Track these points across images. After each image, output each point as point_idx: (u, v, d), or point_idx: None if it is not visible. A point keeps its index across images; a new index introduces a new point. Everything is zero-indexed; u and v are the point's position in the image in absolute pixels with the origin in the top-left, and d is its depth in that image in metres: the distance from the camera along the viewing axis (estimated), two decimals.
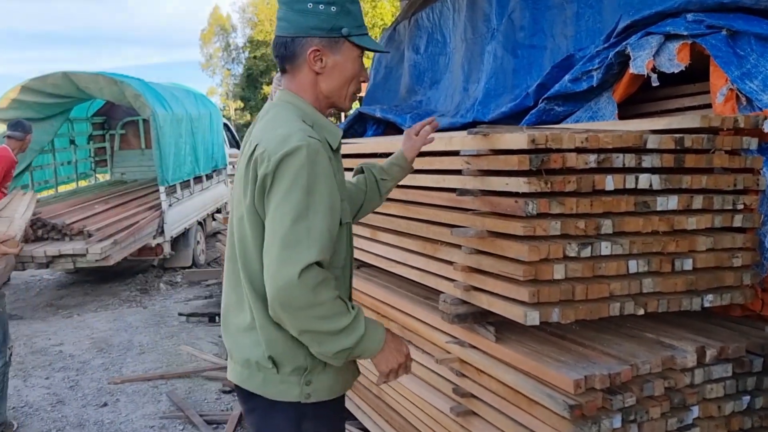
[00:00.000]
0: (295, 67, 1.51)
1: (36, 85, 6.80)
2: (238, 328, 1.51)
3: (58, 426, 3.47)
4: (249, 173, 1.40)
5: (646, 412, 1.78)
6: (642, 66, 2.38)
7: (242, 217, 1.43)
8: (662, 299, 1.92)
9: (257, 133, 1.46)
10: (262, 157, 1.37)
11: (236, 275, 1.50)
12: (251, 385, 1.50)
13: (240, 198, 1.45)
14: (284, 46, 1.50)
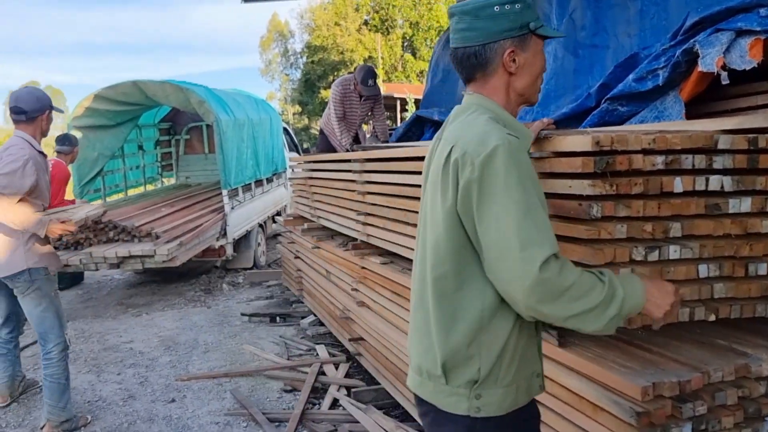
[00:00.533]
0: (487, 74, 1.50)
1: (108, 93, 7.11)
2: (415, 331, 1.52)
3: (129, 420, 3.62)
4: (448, 177, 1.38)
5: (719, 421, 1.73)
6: (711, 63, 2.30)
7: (437, 220, 1.41)
8: (735, 305, 1.86)
9: (450, 136, 1.44)
10: (462, 160, 1.35)
11: (423, 281, 1.48)
12: (423, 392, 1.49)
13: (434, 203, 1.42)
14: (474, 56, 1.48)
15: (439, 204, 1.40)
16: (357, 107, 5.86)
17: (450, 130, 1.48)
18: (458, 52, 1.51)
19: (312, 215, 5.25)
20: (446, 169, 1.38)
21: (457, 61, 1.52)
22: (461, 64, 1.52)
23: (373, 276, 3.73)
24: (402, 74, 31.06)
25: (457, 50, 1.51)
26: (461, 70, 1.53)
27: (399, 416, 3.42)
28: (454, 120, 1.51)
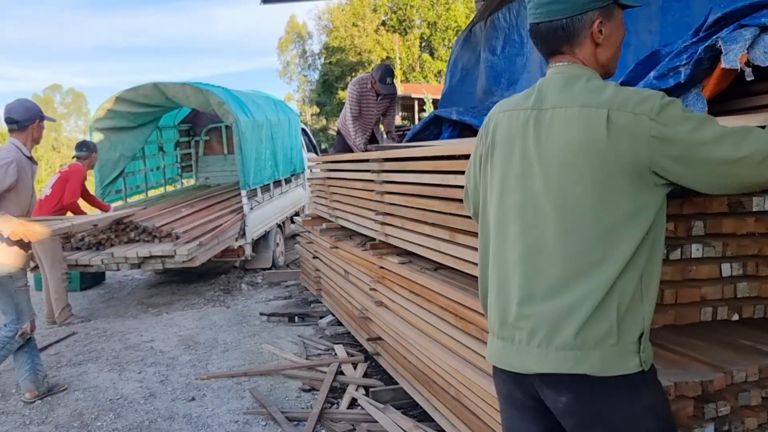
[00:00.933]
0: (574, 46, 1.49)
1: (129, 95, 7.21)
2: (564, 307, 1.38)
3: (150, 418, 3.65)
4: (621, 140, 1.34)
5: (742, 422, 1.70)
6: (735, 60, 2.26)
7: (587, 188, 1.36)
8: (759, 304, 1.83)
9: (590, 102, 1.38)
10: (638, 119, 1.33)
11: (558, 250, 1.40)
12: (579, 367, 1.37)
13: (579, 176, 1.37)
14: (562, 29, 1.47)
15: (597, 173, 1.36)
16: (373, 106, 5.87)
17: (576, 96, 1.41)
18: (541, 26, 1.50)
19: (330, 215, 5.26)
20: (614, 133, 1.34)
21: (540, 36, 1.52)
22: (545, 38, 1.51)
23: (392, 276, 3.73)
24: (420, 74, 31.05)
25: (539, 25, 1.50)
26: (544, 43, 1.52)
27: (417, 416, 3.42)
28: (565, 88, 1.44)
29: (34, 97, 59.31)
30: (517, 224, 1.46)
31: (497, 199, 1.53)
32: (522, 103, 1.51)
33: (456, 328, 2.89)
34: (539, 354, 1.41)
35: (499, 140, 1.53)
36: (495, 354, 1.53)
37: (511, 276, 1.47)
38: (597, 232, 1.36)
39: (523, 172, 1.46)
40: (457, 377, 2.84)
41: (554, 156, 1.41)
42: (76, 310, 6.25)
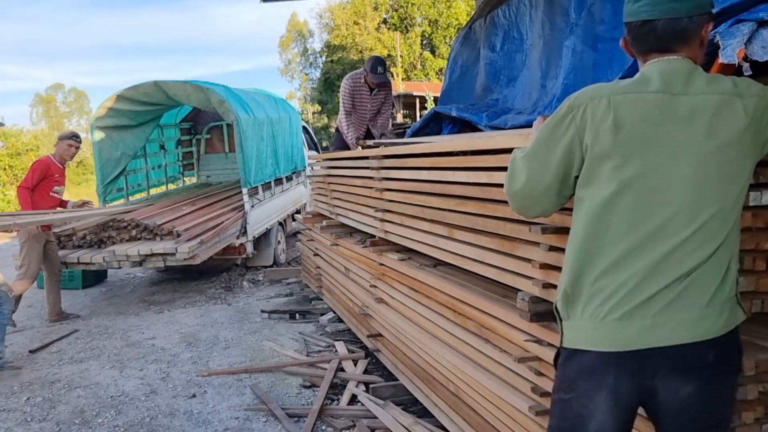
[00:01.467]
0: (685, 46, 1.53)
1: (130, 94, 7.21)
2: (704, 275, 1.47)
3: (151, 414, 3.67)
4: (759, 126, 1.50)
5: (739, 416, 1.70)
6: (732, 55, 2.26)
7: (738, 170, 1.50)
8: (756, 299, 1.83)
9: (722, 89, 1.49)
10: (756, 95, 1.50)
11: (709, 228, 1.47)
12: (720, 326, 1.48)
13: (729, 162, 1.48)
14: (681, 28, 1.51)
15: (745, 155, 1.50)
16: (367, 101, 5.87)
17: (706, 83, 1.49)
18: (659, 23, 1.50)
19: (330, 212, 5.27)
20: (747, 117, 1.47)
21: (655, 33, 1.52)
22: (661, 35, 1.51)
23: (391, 272, 3.74)
24: (421, 72, 31.04)
25: (656, 21, 1.50)
26: (658, 40, 1.53)
27: (417, 412, 3.43)
28: (692, 76, 1.50)
29: (37, 96, 59.45)
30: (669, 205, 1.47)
31: (632, 176, 1.48)
32: (641, 87, 1.51)
33: (455, 324, 2.90)
34: (678, 322, 1.46)
35: (625, 119, 1.49)
36: (620, 336, 1.47)
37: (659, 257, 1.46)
38: (734, 202, 1.50)
39: (670, 152, 1.47)
40: (456, 373, 2.85)
41: (704, 139, 1.46)
42: (78, 308, 6.28)
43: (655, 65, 1.53)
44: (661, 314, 1.45)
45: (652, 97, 1.49)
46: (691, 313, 1.46)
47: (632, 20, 1.55)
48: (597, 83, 1.60)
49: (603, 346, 1.48)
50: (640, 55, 1.59)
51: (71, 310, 6.21)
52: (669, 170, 1.47)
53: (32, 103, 60.01)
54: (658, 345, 1.45)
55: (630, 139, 1.48)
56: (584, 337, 1.51)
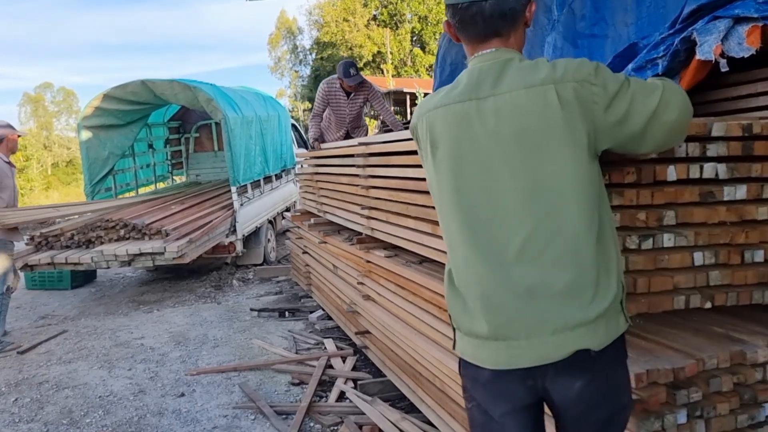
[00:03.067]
0: (513, 29, 1.48)
1: (117, 93, 7.18)
2: (571, 286, 1.37)
3: (139, 414, 3.67)
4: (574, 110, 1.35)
5: (714, 408, 1.74)
6: (709, 51, 2.29)
7: (568, 161, 1.36)
8: (731, 292, 1.86)
9: (533, 81, 1.37)
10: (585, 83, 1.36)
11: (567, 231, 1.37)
12: (605, 338, 1.39)
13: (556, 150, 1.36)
14: (510, 11, 1.44)
15: (569, 144, 1.36)
16: (344, 106, 5.87)
17: (515, 78, 1.40)
18: (486, 6, 1.43)
19: (318, 210, 5.28)
20: (567, 105, 1.35)
21: (484, 17, 1.44)
22: (490, 19, 1.44)
23: (378, 270, 3.75)
24: (411, 69, 31.04)
25: (484, 4, 1.43)
26: (487, 25, 1.45)
27: (404, 408, 3.45)
28: (503, 73, 1.42)
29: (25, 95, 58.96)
30: (494, 217, 1.40)
31: (455, 196, 1.45)
32: (451, 97, 1.45)
33: (440, 320, 2.92)
34: (556, 341, 1.36)
35: (439, 137, 1.46)
36: (495, 356, 1.43)
37: (503, 273, 1.39)
38: (582, 205, 1.37)
39: (484, 164, 1.40)
40: (442, 369, 2.87)
41: (514, 141, 1.37)
42: (67, 309, 6.26)
43: (473, 64, 1.48)
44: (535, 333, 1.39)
45: (459, 108, 1.43)
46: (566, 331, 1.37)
47: (457, 2, 1.45)
48: (429, 96, 1.57)
49: (492, 365, 1.44)
50: (468, 44, 1.51)
51: (60, 310, 6.20)
52: (486, 184, 1.40)
53: (21, 102, 59.49)
54: (536, 364, 1.40)
55: (445, 158, 1.45)
56: (469, 352, 1.50)
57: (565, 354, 1.37)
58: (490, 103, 1.40)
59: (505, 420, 1.47)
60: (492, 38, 1.47)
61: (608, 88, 1.37)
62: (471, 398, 1.54)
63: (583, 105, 1.36)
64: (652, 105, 1.39)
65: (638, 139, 1.42)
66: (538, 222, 1.37)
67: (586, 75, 1.37)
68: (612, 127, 1.39)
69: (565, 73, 1.37)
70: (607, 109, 1.37)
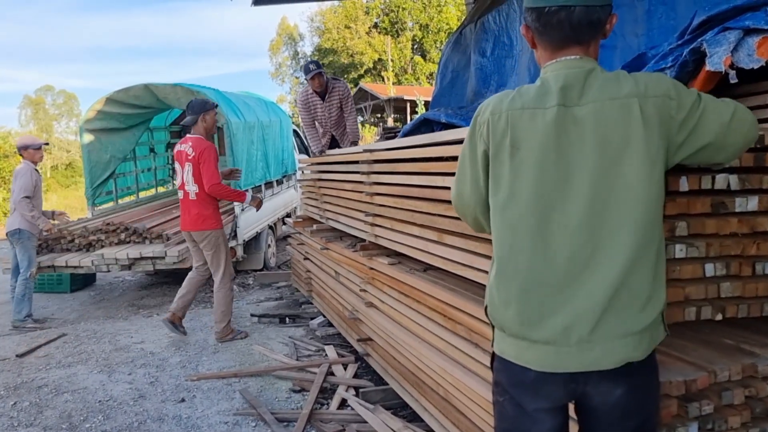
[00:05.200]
0: (594, 37, 1.47)
1: (119, 96, 7.19)
2: (638, 295, 1.40)
3: (139, 419, 3.64)
4: (653, 126, 1.38)
5: (725, 421, 1.72)
6: (719, 62, 2.29)
7: (639, 178, 1.38)
8: (742, 304, 1.85)
9: (617, 93, 1.39)
10: (660, 102, 1.39)
11: (621, 240, 1.39)
12: (649, 348, 1.44)
13: (628, 165, 1.38)
14: (598, 19, 1.44)
15: (645, 157, 1.38)
16: (321, 109, 5.92)
17: (600, 89, 1.41)
18: (576, 10, 1.41)
19: (321, 216, 5.27)
20: (648, 120, 1.38)
21: (572, 23, 1.42)
22: (577, 26, 1.42)
23: (381, 276, 3.74)
24: (412, 77, 31.12)
25: (573, 8, 1.41)
26: (573, 32, 1.44)
27: (407, 416, 3.42)
28: (587, 82, 1.43)
29: (25, 98, 58.98)
30: (568, 225, 1.41)
31: (534, 200, 1.44)
32: (539, 101, 1.45)
33: (444, 328, 2.90)
34: (605, 348, 1.40)
35: (523, 139, 1.45)
36: (543, 359, 1.45)
37: (566, 281, 1.41)
38: (649, 218, 1.40)
39: (568, 172, 1.41)
40: (446, 377, 2.85)
41: (595, 152, 1.39)
42: (66, 312, 6.23)
43: (556, 70, 1.47)
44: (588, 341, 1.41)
45: (549, 114, 1.42)
46: (616, 339, 1.40)
47: (544, 5, 1.43)
48: (507, 90, 1.54)
49: (534, 365, 1.47)
50: (546, 49, 1.50)
51: (59, 314, 6.18)
52: (564, 191, 1.41)
53: (21, 105, 59.52)
54: (584, 370, 1.43)
55: (528, 161, 1.44)
56: (513, 353, 1.51)
57: (615, 363, 1.40)
58: (577, 111, 1.41)
59: (538, 415, 1.50)
60: (574, 45, 1.46)
61: (684, 101, 1.41)
62: (504, 392, 1.55)
63: (662, 119, 1.39)
64: (726, 115, 1.43)
65: (712, 148, 1.45)
66: (606, 232, 1.40)
67: (666, 90, 1.40)
68: (687, 137, 1.42)
69: (647, 88, 1.39)
70: (683, 122, 1.41)
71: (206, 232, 4.92)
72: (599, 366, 1.41)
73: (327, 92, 5.88)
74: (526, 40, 1.57)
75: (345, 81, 6.14)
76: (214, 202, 4.98)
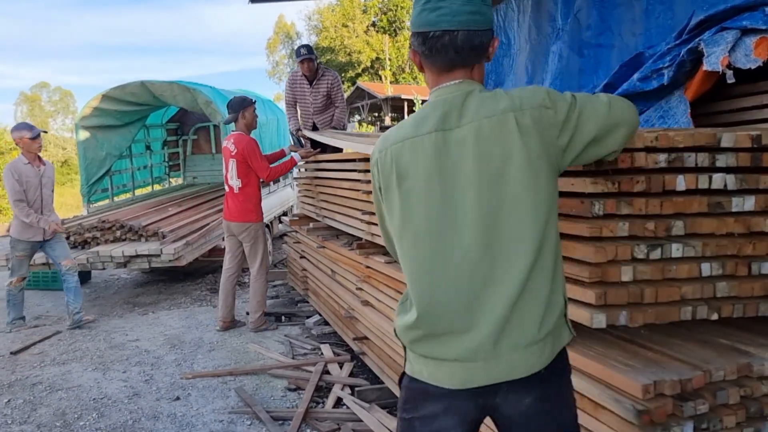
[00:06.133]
0: (479, 60, 1.50)
1: (116, 93, 7.17)
2: (528, 301, 1.42)
3: (134, 417, 3.63)
4: (531, 136, 1.39)
5: (720, 420, 1.72)
6: (716, 62, 2.30)
7: (525, 186, 1.40)
8: (737, 304, 1.85)
9: (495, 110, 1.41)
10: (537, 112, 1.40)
11: (513, 252, 1.41)
12: (551, 353, 1.45)
13: (513, 177, 1.40)
14: (480, 42, 1.46)
15: (528, 169, 1.40)
16: (308, 94, 5.98)
17: (477, 109, 1.43)
18: (459, 35, 1.43)
19: (317, 215, 5.26)
20: (526, 131, 1.40)
21: (456, 47, 1.44)
22: (461, 48, 1.45)
23: (378, 275, 3.73)
24: (409, 75, 31.10)
25: (456, 33, 1.43)
26: (457, 56, 1.46)
27: None
28: (465, 104, 1.45)
29: (21, 94, 58.80)
30: (462, 243, 1.43)
31: (427, 224, 1.46)
32: (418, 129, 1.48)
33: None
34: (510, 360, 1.42)
35: (407, 169, 1.48)
36: (451, 376, 1.47)
37: (468, 297, 1.43)
38: (540, 226, 1.42)
39: (455, 194, 1.44)
40: None
41: (477, 169, 1.41)
42: (61, 309, 6.20)
43: (438, 96, 1.50)
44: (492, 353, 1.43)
45: (427, 140, 1.46)
46: (520, 350, 1.43)
47: (429, 30, 1.46)
48: (393, 129, 1.58)
49: (453, 385, 1.47)
50: (433, 73, 1.52)
51: (54, 311, 6.15)
52: (454, 212, 1.44)
53: (17, 101, 59.41)
54: (490, 383, 1.45)
55: (415, 189, 1.47)
56: (425, 372, 1.51)
57: (520, 374, 1.43)
58: (457, 133, 1.44)
59: None
60: (458, 69, 1.49)
61: (560, 107, 1.43)
62: (413, 410, 1.54)
63: (542, 128, 1.41)
64: (602, 107, 1.48)
65: (600, 141, 1.49)
66: (501, 246, 1.42)
67: (541, 100, 1.43)
68: (571, 138, 1.44)
69: (522, 102, 1.42)
70: (563, 125, 1.43)
71: (247, 224, 5.19)
72: (506, 377, 1.43)
73: (316, 78, 5.96)
74: (415, 65, 1.60)
75: (336, 73, 6.21)
76: (257, 197, 5.25)
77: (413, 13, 1.52)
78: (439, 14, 1.44)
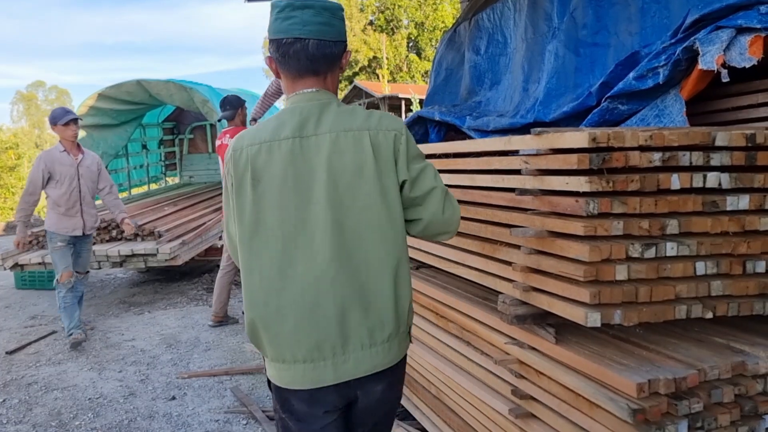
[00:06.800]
0: (331, 70, 1.61)
1: (112, 92, 7.15)
2: (381, 306, 1.56)
3: (130, 417, 3.62)
4: (387, 156, 1.54)
5: (715, 419, 1.72)
6: (711, 61, 2.29)
7: (385, 196, 1.53)
8: (732, 303, 1.85)
9: (350, 126, 1.54)
10: (394, 138, 1.55)
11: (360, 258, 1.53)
12: (394, 357, 1.62)
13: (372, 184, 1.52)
14: (331, 52, 1.58)
15: (381, 179, 1.53)
16: None
17: (335, 121, 1.54)
18: (310, 43, 1.54)
19: None
20: (377, 149, 1.53)
21: (306, 53, 1.55)
22: (313, 56, 1.55)
23: None
24: (407, 74, 31.09)
25: (308, 41, 1.54)
26: (308, 63, 1.56)
27: (399, 415, 3.41)
28: (323, 114, 1.55)
29: (18, 93, 58.66)
30: (310, 248, 1.51)
31: (277, 228, 1.52)
32: (275, 134, 1.54)
33: (437, 326, 2.90)
34: (357, 359, 1.56)
35: (262, 171, 1.53)
36: (302, 378, 1.56)
37: (313, 300, 1.51)
38: (386, 237, 1.53)
39: (308, 199, 1.51)
40: (437, 376, 2.85)
41: (330, 179, 1.50)
42: (57, 309, 6.18)
43: (295, 102, 1.59)
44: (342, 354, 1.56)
45: (285, 145, 1.53)
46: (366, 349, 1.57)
47: (282, 37, 1.56)
48: (253, 126, 1.67)
49: (311, 384, 1.57)
50: (287, 79, 1.61)
51: (49, 311, 6.13)
52: (306, 217, 1.51)
53: (13, 100, 59.26)
54: (340, 381, 1.57)
55: (268, 192, 1.52)
56: (284, 378, 1.60)
57: (368, 371, 1.57)
58: (313, 141, 1.53)
59: (319, 422, 1.62)
60: (311, 76, 1.59)
61: (411, 148, 1.58)
62: (284, 411, 1.65)
63: (391, 150, 1.54)
64: (438, 183, 1.60)
65: (414, 209, 1.60)
66: (348, 252, 1.51)
67: (398, 127, 1.56)
68: (409, 182, 1.57)
69: (380, 123, 1.55)
70: (408, 163, 1.56)
71: None
72: (355, 375, 1.56)
73: None
74: (272, 71, 1.67)
75: None
76: None
77: (269, 22, 1.60)
78: (291, 23, 1.54)
